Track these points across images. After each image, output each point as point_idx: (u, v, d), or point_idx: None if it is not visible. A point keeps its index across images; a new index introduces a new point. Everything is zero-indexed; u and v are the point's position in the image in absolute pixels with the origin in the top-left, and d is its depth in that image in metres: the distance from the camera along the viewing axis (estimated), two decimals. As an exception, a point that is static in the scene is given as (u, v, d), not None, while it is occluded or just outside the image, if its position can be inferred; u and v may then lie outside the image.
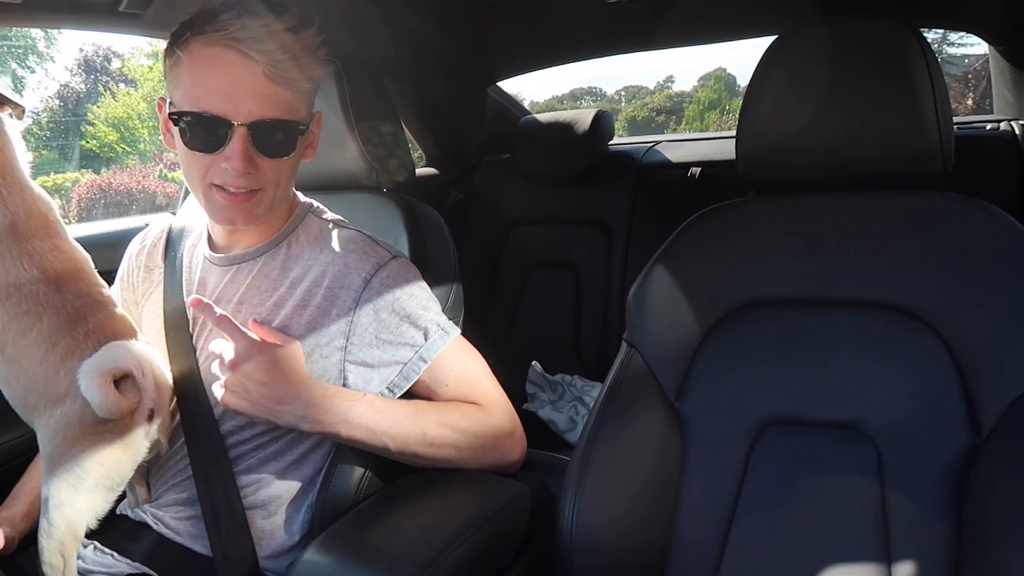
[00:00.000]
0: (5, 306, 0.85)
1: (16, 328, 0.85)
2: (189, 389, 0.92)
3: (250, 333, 0.85)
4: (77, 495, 0.83)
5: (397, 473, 0.91)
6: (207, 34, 0.80)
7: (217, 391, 0.86)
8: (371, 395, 0.89)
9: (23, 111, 0.90)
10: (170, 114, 0.84)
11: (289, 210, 0.98)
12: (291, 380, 0.84)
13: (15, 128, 0.90)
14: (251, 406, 0.84)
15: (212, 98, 0.81)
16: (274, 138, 0.84)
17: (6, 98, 0.88)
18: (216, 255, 0.97)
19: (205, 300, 0.87)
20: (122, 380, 0.83)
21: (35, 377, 0.85)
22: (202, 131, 0.82)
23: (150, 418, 0.86)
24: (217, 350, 0.86)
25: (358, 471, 0.91)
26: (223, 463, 0.89)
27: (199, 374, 0.92)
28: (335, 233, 0.96)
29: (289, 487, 0.92)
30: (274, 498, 0.91)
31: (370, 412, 0.86)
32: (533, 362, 1.82)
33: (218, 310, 0.86)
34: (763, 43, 0.98)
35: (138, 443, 0.86)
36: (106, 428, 0.83)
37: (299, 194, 1.01)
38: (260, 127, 0.82)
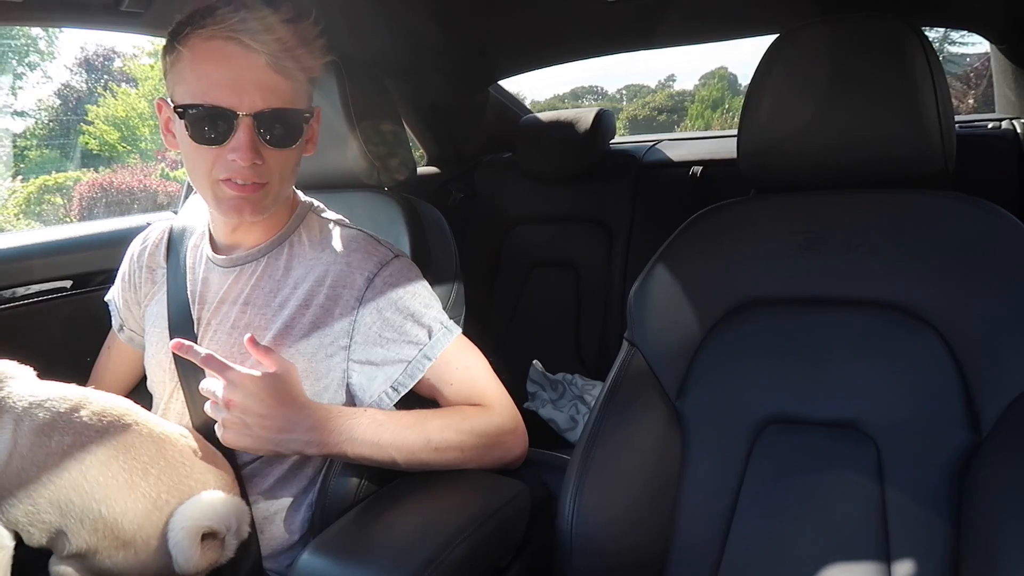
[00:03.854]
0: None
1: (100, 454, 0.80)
2: (194, 390, 0.92)
3: (240, 368, 0.81)
4: None
5: (396, 472, 0.91)
6: (207, 28, 0.81)
7: (217, 432, 0.83)
8: (372, 410, 0.88)
9: None
10: (175, 108, 0.84)
11: (290, 209, 0.98)
12: (291, 407, 0.81)
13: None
14: (254, 441, 0.81)
15: (216, 90, 0.81)
16: (278, 128, 0.84)
17: None
18: (219, 256, 0.97)
19: (186, 343, 0.83)
20: (206, 536, 0.80)
21: (120, 508, 0.79)
22: (208, 124, 0.82)
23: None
24: (208, 390, 0.83)
25: (358, 470, 0.90)
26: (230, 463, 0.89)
27: (203, 375, 0.92)
28: (337, 232, 0.96)
29: (290, 487, 0.92)
30: (275, 498, 0.92)
31: (373, 427, 0.85)
32: (534, 361, 1.82)
33: (202, 350, 0.82)
34: (764, 42, 0.98)
35: None
36: None
37: (299, 193, 1.01)
38: (264, 117, 0.83)
